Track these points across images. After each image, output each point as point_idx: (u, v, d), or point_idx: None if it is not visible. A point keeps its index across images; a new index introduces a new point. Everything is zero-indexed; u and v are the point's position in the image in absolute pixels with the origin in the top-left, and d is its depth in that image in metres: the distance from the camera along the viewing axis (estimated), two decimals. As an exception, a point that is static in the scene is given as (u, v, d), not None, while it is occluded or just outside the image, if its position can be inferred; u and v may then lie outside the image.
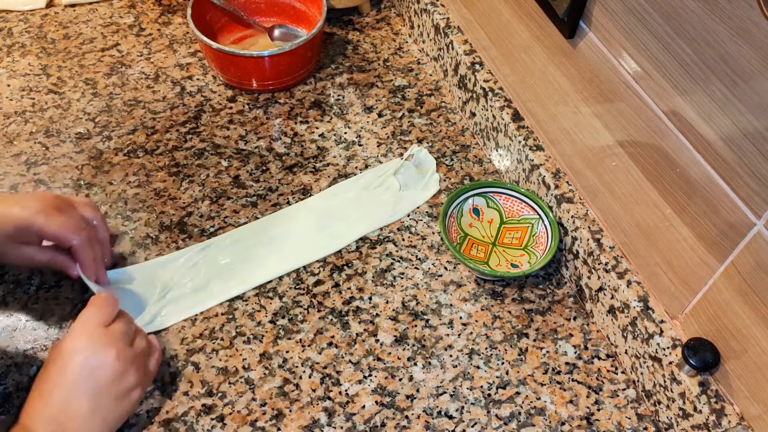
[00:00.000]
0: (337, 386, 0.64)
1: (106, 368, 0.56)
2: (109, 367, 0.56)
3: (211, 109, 0.87)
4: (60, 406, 0.54)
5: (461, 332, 0.68)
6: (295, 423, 0.62)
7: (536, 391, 0.65)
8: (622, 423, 0.63)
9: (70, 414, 0.54)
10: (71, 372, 0.55)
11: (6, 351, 0.65)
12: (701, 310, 0.58)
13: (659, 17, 0.54)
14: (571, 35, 0.66)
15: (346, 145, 0.85)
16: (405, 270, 0.73)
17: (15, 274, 0.70)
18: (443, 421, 0.62)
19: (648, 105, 0.58)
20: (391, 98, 0.90)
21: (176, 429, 0.61)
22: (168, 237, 0.74)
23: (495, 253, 0.74)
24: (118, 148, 0.82)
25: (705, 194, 0.54)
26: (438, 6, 0.91)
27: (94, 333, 0.57)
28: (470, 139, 0.86)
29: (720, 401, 0.57)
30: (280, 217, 0.76)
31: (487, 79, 0.82)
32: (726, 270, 0.54)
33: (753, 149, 0.49)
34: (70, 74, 0.90)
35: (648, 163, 0.60)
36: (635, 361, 0.64)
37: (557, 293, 0.72)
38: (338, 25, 1.00)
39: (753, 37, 0.46)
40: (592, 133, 0.67)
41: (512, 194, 0.75)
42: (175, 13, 1.00)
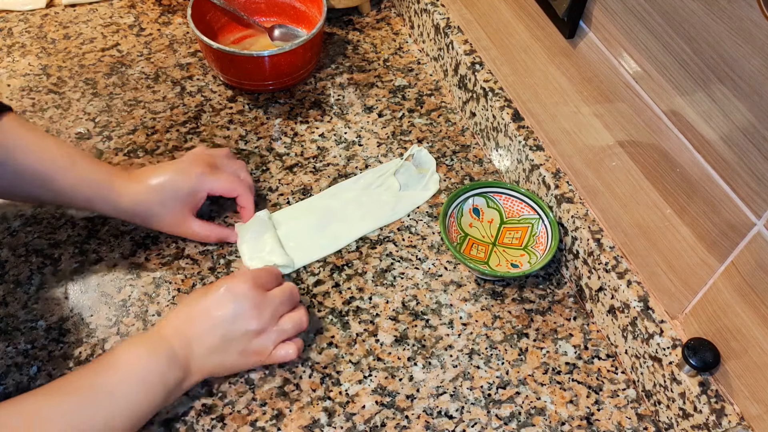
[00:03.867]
0: (337, 386, 0.64)
1: (248, 323, 0.60)
2: (251, 324, 0.60)
3: (211, 109, 0.87)
4: (196, 331, 0.59)
5: (461, 332, 0.68)
6: (295, 423, 0.62)
7: (536, 391, 0.65)
8: (622, 423, 0.63)
9: (200, 342, 0.59)
10: (220, 309, 0.60)
11: (6, 351, 0.65)
12: (701, 310, 0.58)
13: (659, 17, 0.54)
14: (571, 35, 0.66)
15: (346, 145, 0.85)
16: (405, 270, 0.73)
17: (15, 274, 0.70)
18: (443, 421, 0.62)
19: (648, 105, 0.58)
20: (391, 98, 0.90)
21: (176, 429, 0.61)
22: (168, 237, 0.74)
23: (495, 253, 0.74)
24: (118, 148, 0.82)
25: (705, 194, 0.54)
26: (438, 6, 0.91)
27: (255, 289, 0.61)
28: (470, 139, 0.86)
29: (720, 401, 0.57)
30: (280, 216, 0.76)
31: (487, 79, 0.82)
32: (726, 270, 0.54)
33: (753, 149, 0.49)
34: (70, 74, 0.90)
35: (648, 163, 0.60)
36: (635, 361, 0.64)
37: (557, 293, 0.72)
38: (338, 25, 1.00)
39: (753, 37, 0.46)
40: (592, 133, 0.67)
41: (512, 194, 0.75)
42: (175, 13, 1.00)
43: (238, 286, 0.61)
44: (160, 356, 0.57)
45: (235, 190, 0.72)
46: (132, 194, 0.68)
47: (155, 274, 0.71)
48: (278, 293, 0.63)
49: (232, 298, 0.60)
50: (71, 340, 0.66)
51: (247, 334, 0.60)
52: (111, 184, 0.67)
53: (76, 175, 0.66)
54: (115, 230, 0.74)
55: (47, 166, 0.65)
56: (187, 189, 0.69)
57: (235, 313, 0.60)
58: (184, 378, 0.58)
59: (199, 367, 0.59)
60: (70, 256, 0.72)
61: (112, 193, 0.67)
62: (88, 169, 0.67)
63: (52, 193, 0.66)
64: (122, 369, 0.55)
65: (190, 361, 0.58)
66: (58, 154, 0.66)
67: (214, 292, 0.60)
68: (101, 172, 0.67)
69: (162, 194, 0.69)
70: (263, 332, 0.61)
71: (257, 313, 0.60)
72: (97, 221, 0.75)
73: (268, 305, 0.61)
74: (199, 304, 0.60)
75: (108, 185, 0.67)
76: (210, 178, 0.70)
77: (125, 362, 0.56)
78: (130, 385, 0.55)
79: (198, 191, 0.70)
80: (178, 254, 0.73)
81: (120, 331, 0.67)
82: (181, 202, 0.69)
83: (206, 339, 0.59)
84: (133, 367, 0.55)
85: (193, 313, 0.60)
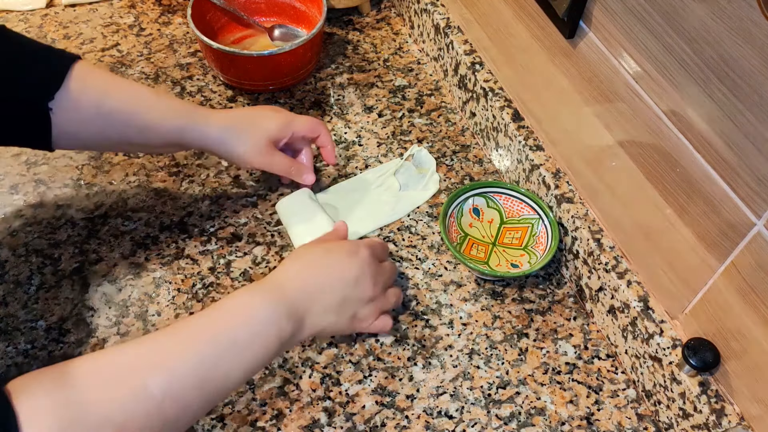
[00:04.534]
0: (337, 386, 0.64)
1: (365, 290, 0.61)
2: (368, 291, 0.62)
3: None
4: (318, 288, 0.59)
5: (461, 332, 0.68)
6: (295, 423, 0.62)
7: (536, 391, 0.65)
8: (622, 423, 0.63)
9: (319, 300, 0.59)
10: (345, 270, 0.60)
11: (6, 351, 0.65)
12: (701, 310, 0.58)
13: (659, 17, 0.54)
14: (571, 35, 0.66)
15: (346, 145, 0.85)
16: (405, 270, 0.73)
17: (15, 274, 0.70)
18: (443, 421, 0.62)
19: (648, 105, 0.58)
20: (391, 98, 0.90)
21: (176, 429, 0.61)
22: (168, 237, 0.74)
23: (495, 253, 0.74)
24: (118, 148, 0.82)
25: (705, 194, 0.54)
26: (438, 6, 0.91)
27: (373, 258, 0.63)
28: (470, 139, 0.86)
29: (720, 401, 0.57)
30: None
31: (487, 79, 0.82)
32: (726, 270, 0.54)
33: (753, 149, 0.49)
34: (70, 74, 0.90)
35: (648, 163, 0.60)
36: (635, 361, 0.64)
37: (557, 293, 0.72)
38: (338, 25, 1.00)
39: (753, 37, 0.46)
40: (592, 133, 0.67)
41: (512, 194, 0.75)
42: (175, 13, 1.00)
43: (363, 252, 0.62)
44: (281, 308, 0.56)
45: (318, 129, 0.75)
46: (221, 121, 0.69)
47: (155, 274, 0.71)
48: (389, 266, 0.66)
49: (357, 262, 0.61)
50: (71, 340, 0.66)
51: (362, 300, 0.61)
52: (201, 113, 0.69)
53: (162, 107, 0.67)
54: (115, 230, 0.74)
55: (133, 102, 0.65)
56: (275, 123, 0.72)
57: (357, 277, 0.61)
58: (297, 332, 0.57)
59: (312, 324, 0.58)
60: (70, 256, 0.72)
61: (203, 120, 0.68)
62: (173, 101, 0.68)
63: (140, 128, 0.66)
64: (246, 317, 0.54)
65: (306, 317, 0.58)
66: (141, 90, 0.67)
67: (338, 252, 0.61)
68: (188, 104, 0.70)
69: (251, 124, 0.71)
70: (373, 300, 0.63)
71: (374, 282, 0.62)
72: (97, 221, 0.75)
73: (381, 276, 0.63)
74: (323, 261, 0.60)
75: (198, 114, 0.69)
76: (296, 116, 0.73)
77: (249, 311, 0.55)
78: (253, 335, 0.54)
79: (285, 126, 0.72)
80: (178, 254, 0.73)
81: (120, 331, 0.67)
82: (267, 135, 0.71)
83: (326, 298, 0.59)
84: (256, 317, 0.54)
85: (316, 269, 0.60)
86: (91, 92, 0.63)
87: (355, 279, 0.60)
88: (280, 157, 0.74)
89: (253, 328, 0.54)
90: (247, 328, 0.54)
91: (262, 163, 0.73)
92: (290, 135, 0.73)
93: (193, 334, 0.52)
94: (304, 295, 0.58)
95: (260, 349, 0.54)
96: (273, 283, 0.58)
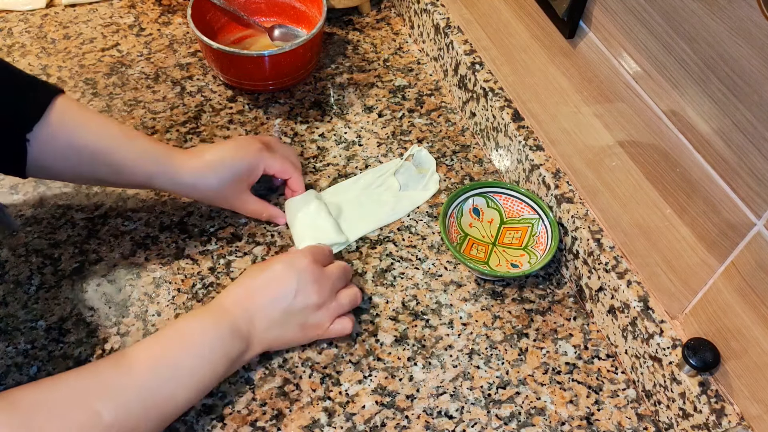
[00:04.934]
0: (337, 386, 0.64)
1: (308, 297, 0.62)
2: (312, 298, 0.62)
3: (211, 109, 0.87)
4: (258, 304, 0.60)
5: (461, 332, 0.68)
6: (295, 423, 0.62)
7: (536, 391, 0.65)
8: (622, 423, 0.63)
9: (261, 315, 0.60)
10: (282, 283, 0.61)
11: (6, 351, 0.65)
12: (701, 310, 0.58)
13: (659, 17, 0.54)
14: (571, 35, 0.66)
15: (346, 145, 0.85)
16: (405, 270, 0.73)
17: (15, 274, 0.70)
18: (443, 421, 0.62)
19: (648, 105, 0.58)
20: (391, 98, 0.90)
21: (176, 429, 0.61)
22: (168, 237, 0.74)
23: (495, 253, 0.74)
24: (118, 148, 0.82)
25: (705, 194, 0.54)
26: (438, 6, 0.91)
27: (315, 264, 0.63)
28: (470, 139, 0.86)
29: (720, 401, 0.57)
30: None
31: (487, 79, 0.82)
32: (726, 270, 0.54)
33: (753, 149, 0.49)
34: (70, 74, 0.90)
35: (648, 163, 0.60)
36: (635, 361, 0.64)
37: (557, 293, 0.72)
38: (338, 25, 1.00)
39: (753, 37, 0.46)
40: (592, 133, 0.67)
41: (512, 194, 0.75)
42: (175, 13, 1.00)
43: (299, 261, 0.62)
44: (224, 328, 0.58)
45: (288, 172, 0.74)
46: (192, 168, 0.69)
47: (155, 274, 0.71)
48: (335, 269, 0.65)
49: (294, 273, 0.61)
50: (71, 340, 0.66)
51: (308, 308, 0.62)
52: (171, 159, 0.68)
53: (136, 150, 0.67)
54: (115, 230, 0.74)
55: (108, 143, 0.65)
56: (246, 164, 0.71)
57: (296, 287, 0.61)
58: (245, 350, 0.59)
59: (259, 340, 0.60)
60: (70, 256, 0.72)
61: (173, 168, 0.68)
62: (147, 145, 0.68)
63: (112, 169, 0.66)
64: (187, 342, 0.56)
65: (252, 334, 0.60)
66: (118, 131, 0.67)
67: (275, 266, 0.62)
68: (160, 148, 0.69)
69: (222, 169, 0.70)
70: (322, 306, 0.63)
71: (317, 288, 0.62)
72: (97, 221, 0.75)
73: (327, 280, 0.63)
74: (261, 278, 0.62)
75: (168, 160, 0.68)
76: (268, 155, 0.72)
77: (189, 335, 0.57)
78: (195, 358, 0.56)
79: (256, 167, 0.72)
80: (178, 254, 0.73)
81: (120, 331, 0.67)
82: (239, 177, 0.71)
83: (268, 312, 0.60)
84: (197, 340, 0.57)
85: (255, 287, 0.61)
86: (67, 127, 0.64)
87: (294, 290, 0.61)
88: (252, 201, 0.74)
89: (197, 351, 0.56)
90: (191, 351, 0.56)
91: (234, 208, 0.74)
92: (261, 173, 0.73)
93: (135, 363, 0.54)
94: (246, 313, 0.60)
95: (207, 372, 0.57)
96: (217, 306, 0.60)
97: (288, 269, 0.62)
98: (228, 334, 0.58)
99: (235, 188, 0.72)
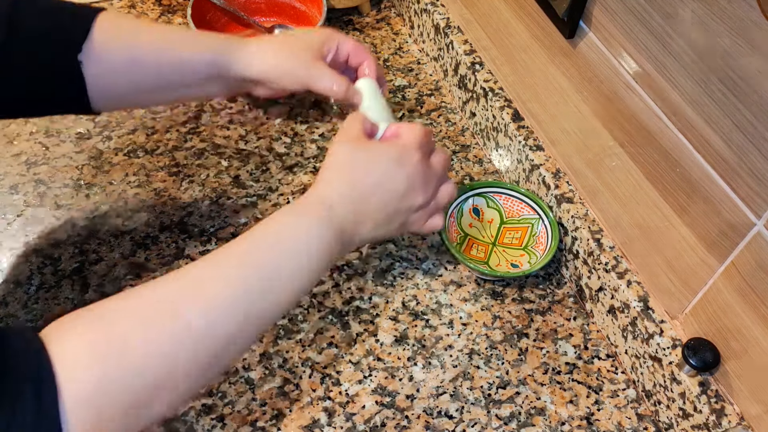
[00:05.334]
0: (337, 386, 0.64)
1: (416, 198, 0.58)
2: (419, 199, 0.59)
3: (211, 109, 0.87)
4: (368, 209, 0.56)
5: (461, 332, 0.68)
6: (295, 423, 0.62)
7: (536, 391, 0.65)
8: (622, 423, 0.63)
9: (369, 219, 0.56)
10: (393, 183, 0.57)
11: (6, 351, 0.65)
12: (701, 310, 0.58)
13: (659, 17, 0.54)
14: (571, 35, 0.66)
15: (346, 145, 0.84)
16: (405, 270, 0.73)
17: (15, 274, 0.70)
18: (443, 421, 0.62)
19: (648, 105, 0.58)
20: (391, 98, 0.90)
21: (176, 429, 0.61)
22: (168, 237, 0.74)
23: (495, 253, 0.74)
24: (118, 148, 0.82)
25: (705, 194, 0.54)
26: (438, 6, 0.91)
27: (424, 160, 0.59)
28: (470, 139, 0.86)
29: (720, 401, 0.57)
30: None
31: (487, 79, 0.82)
32: (726, 270, 0.54)
33: (753, 149, 0.49)
34: (70, 74, 0.90)
35: (648, 163, 0.60)
36: (635, 361, 0.64)
37: (557, 293, 0.72)
38: (338, 25, 1.00)
39: (753, 37, 0.46)
40: (592, 133, 0.67)
41: (512, 194, 0.75)
42: (175, 13, 1.00)
43: (410, 157, 0.58)
44: (330, 233, 0.53)
45: (361, 53, 0.68)
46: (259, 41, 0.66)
47: (155, 274, 0.71)
48: (440, 164, 0.61)
49: (405, 173, 0.57)
50: (71, 340, 0.66)
51: (412, 208, 0.59)
52: (232, 42, 0.65)
53: (194, 39, 0.64)
54: (115, 230, 0.74)
55: (163, 40, 0.62)
56: (318, 39, 0.66)
57: (407, 188, 0.57)
58: (345, 249, 0.56)
59: (361, 241, 0.57)
60: (70, 256, 0.72)
61: (237, 43, 0.65)
62: (204, 34, 0.65)
63: (174, 65, 0.63)
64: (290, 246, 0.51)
65: (355, 237, 0.56)
66: (169, 28, 0.65)
67: (386, 161, 0.57)
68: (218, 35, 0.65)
69: (294, 37, 0.66)
70: (425, 206, 0.60)
71: (425, 189, 0.59)
72: (97, 221, 0.75)
73: (432, 178, 0.60)
74: (369, 176, 0.56)
75: (229, 43, 0.65)
76: (341, 34, 0.67)
77: (294, 239, 0.52)
78: (298, 265, 0.51)
79: (328, 39, 0.66)
80: (178, 254, 0.73)
81: (120, 331, 0.67)
82: (310, 46, 0.65)
83: (376, 216, 0.57)
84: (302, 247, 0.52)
85: (363, 187, 0.56)
86: (119, 39, 0.61)
87: (404, 191, 0.57)
88: (328, 74, 0.65)
89: (300, 257, 0.51)
90: (294, 257, 0.51)
91: (303, 80, 0.65)
92: (335, 48, 0.67)
93: (236, 264, 0.49)
94: (353, 216, 0.55)
95: (309, 276, 0.52)
96: (320, 204, 0.54)
97: (398, 168, 0.57)
98: (334, 238, 0.53)
99: (307, 57, 0.65)
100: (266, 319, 0.50)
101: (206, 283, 0.47)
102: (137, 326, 0.44)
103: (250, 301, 0.48)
